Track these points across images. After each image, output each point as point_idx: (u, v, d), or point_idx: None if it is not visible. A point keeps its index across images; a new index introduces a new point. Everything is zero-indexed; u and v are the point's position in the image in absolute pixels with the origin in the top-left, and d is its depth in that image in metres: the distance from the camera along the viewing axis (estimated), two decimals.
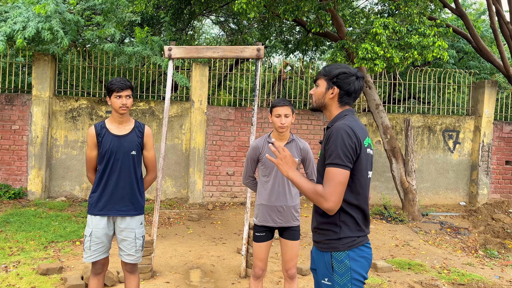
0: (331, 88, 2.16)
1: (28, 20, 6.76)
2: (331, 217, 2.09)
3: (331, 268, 2.08)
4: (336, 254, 2.08)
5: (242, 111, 8.52)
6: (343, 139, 2.00)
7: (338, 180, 1.98)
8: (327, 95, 2.18)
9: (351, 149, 2.00)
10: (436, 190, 9.23)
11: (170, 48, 4.72)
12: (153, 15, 10.04)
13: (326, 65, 2.14)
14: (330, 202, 1.98)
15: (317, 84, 2.22)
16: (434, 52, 6.69)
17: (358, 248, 2.09)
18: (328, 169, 2.00)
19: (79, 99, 8.10)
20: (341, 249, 2.07)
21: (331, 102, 2.18)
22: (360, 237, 2.10)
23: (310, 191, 2.03)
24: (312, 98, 2.24)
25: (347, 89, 2.14)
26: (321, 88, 2.19)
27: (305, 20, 9.00)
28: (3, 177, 7.78)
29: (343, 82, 2.14)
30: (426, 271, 5.12)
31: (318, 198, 2.00)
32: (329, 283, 2.09)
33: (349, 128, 2.03)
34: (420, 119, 9.16)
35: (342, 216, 2.08)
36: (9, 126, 7.79)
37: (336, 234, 2.08)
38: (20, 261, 4.74)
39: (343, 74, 2.13)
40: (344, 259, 2.07)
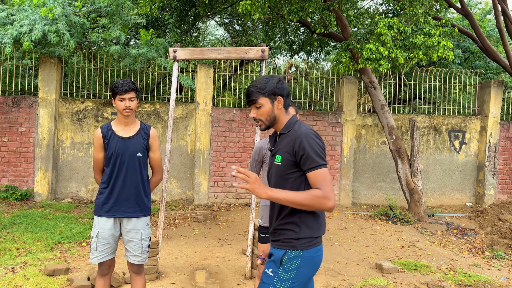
0: (275, 100, 2.22)
1: (34, 23, 6.81)
2: (293, 217, 2.15)
3: (279, 263, 2.14)
4: (290, 252, 2.13)
5: (247, 112, 8.53)
6: (315, 141, 2.11)
7: (329, 178, 2.09)
8: (275, 108, 2.23)
9: (324, 149, 2.14)
10: (442, 190, 9.18)
11: (175, 50, 4.74)
12: (158, 17, 10.08)
13: (251, 85, 2.23)
14: (332, 200, 2.06)
15: (258, 106, 2.21)
16: (440, 52, 6.67)
17: (313, 249, 2.15)
18: (316, 172, 2.08)
19: (84, 101, 8.15)
20: (298, 248, 2.13)
21: (280, 112, 2.24)
22: (318, 238, 2.18)
23: (308, 198, 2.05)
24: (261, 120, 2.23)
25: (286, 93, 2.25)
26: (266, 106, 2.21)
27: (310, 21, 9.00)
28: (10, 179, 7.84)
29: (282, 88, 2.23)
30: (432, 272, 5.09)
31: (321, 201, 2.05)
32: (271, 274, 2.15)
33: (314, 132, 2.17)
34: (426, 119, 9.12)
35: (304, 216, 2.15)
36: (16, 128, 7.85)
37: (296, 234, 2.14)
38: (27, 262, 4.78)
39: (279, 82, 2.23)
40: (296, 259, 2.12)
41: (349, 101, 8.79)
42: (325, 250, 5.79)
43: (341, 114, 8.76)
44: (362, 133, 8.96)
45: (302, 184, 2.16)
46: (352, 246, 6.06)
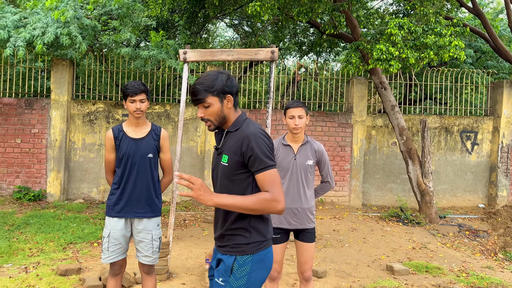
0: (224, 98, 2.08)
1: (47, 26, 6.90)
2: (242, 222, 2.06)
3: (229, 271, 2.05)
4: (240, 257, 2.06)
5: (256, 114, 8.54)
6: (264, 142, 2.02)
7: (278, 179, 2.01)
8: (225, 107, 2.09)
9: (272, 149, 2.06)
10: (454, 192, 9.09)
11: (185, 52, 4.76)
12: (168, 19, 10.14)
13: (197, 83, 2.07)
14: (282, 202, 1.98)
15: (206, 105, 2.06)
16: (451, 52, 6.61)
17: (262, 251, 2.09)
18: (264, 173, 1.99)
19: (96, 102, 8.23)
20: (248, 252, 2.06)
21: (229, 111, 2.11)
22: (267, 240, 2.12)
23: (256, 202, 1.97)
24: (210, 120, 2.08)
25: (236, 90, 2.12)
26: (215, 105, 2.06)
27: (319, 21, 8.98)
28: (23, 180, 7.95)
29: (232, 86, 2.09)
30: (444, 274, 5.04)
31: (270, 204, 1.97)
32: (222, 284, 2.07)
33: (263, 131, 2.07)
34: (437, 120, 9.04)
35: (253, 221, 2.07)
36: (29, 130, 7.96)
37: (246, 239, 2.07)
38: (39, 262, 4.84)
39: (228, 79, 2.09)
40: (247, 264, 2.05)
41: (359, 101, 8.75)
42: (335, 252, 5.77)
43: (351, 115, 8.73)
44: (372, 134, 8.91)
45: (250, 185, 2.06)
46: (363, 248, 6.02)
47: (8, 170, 7.90)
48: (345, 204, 8.62)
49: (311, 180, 3.31)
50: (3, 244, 5.39)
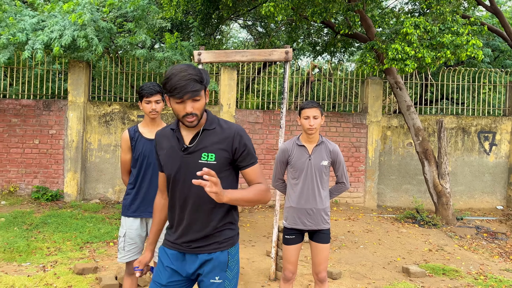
0: (205, 92, 2.02)
1: (64, 29, 7.02)
2: (230, 217, 2.12)
3: (225, 266, 2.09)
4: (231, 249, 2.12)
5: (270, 114, 8.53)
6: (248, 138, 2.11)
7: (262, 172, 2.16)
8: (205, 102, 2.03)
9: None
10: (472, 193, 8.94)
11: (200, 53, 4.79)
12: (182, 20, 10.21)
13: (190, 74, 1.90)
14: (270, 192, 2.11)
15: (198, 98, 1.96)
16: (468, 51, 6.50)
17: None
18: (254, 167, 2.10)
19: (111, 104, 8.33)
20: (236, 242, 2.15)
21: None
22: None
23: (257, 194, 2.02)
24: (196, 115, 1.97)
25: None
26: (203, 99, 1.99)
27: (333, 21, 8.94)
28: (41, 180, 8.09)
29: (208, 79, 2.01)
30: (462, 277, 4.96)
31: (266, 194, 2.07)
32: (220, 281, 2.08)
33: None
34: (454, 120, 8.91)
35: (235, 213, 2.18)
36: (46, 131, 8.10)
37: (234, 231, 2.15)
38: (57, 261, 4.92)
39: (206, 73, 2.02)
40: (236, 253, 2.16)
41: (374, 102, 8.67)
42: (350, 253, 5.72)
43: (366, 115, 8.66)
44: (387, 134, 8.82)
45: (234, 180, 2.13)
46: (378, 249, 5.97)
47: (27, 170, 8.05)
48: (360, 205, 8.55)
49: (326, 180, 3.29)
50: (21, 243, 5.50)
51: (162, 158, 2.15)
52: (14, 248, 5.33)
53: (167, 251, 2.16)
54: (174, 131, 2.10)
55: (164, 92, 2.01)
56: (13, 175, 8.03)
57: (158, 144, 2.17)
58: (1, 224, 6.27)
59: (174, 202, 2.12)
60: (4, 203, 7.53)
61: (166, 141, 2.13)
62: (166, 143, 2.12)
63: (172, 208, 2.14)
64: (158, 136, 2.19)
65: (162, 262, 2.16)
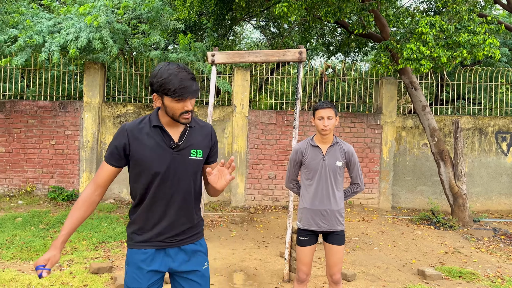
0: None
1: (80, 31, 7.11)
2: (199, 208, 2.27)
3: (207, 251, 2.26)
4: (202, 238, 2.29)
5: (283, 115, 8.52)
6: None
7: None
8: None
9: None
10: (489, 195, 8.78)
11: (214, 54, 4.80)
12: (195, 21, 10.27)
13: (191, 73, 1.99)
14: None
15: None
16: (485, 50, 6.39)
17: None
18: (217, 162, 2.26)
19: (126, 105, 8.41)
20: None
21: None
22: None
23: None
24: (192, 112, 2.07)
25: None
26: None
27: (347, 21, 8.88)
28: (57, 180, 8.21)
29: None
30: (479, 280, 4.88)
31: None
32: (206, 265, 2.23)
33: None
34: (470, 120, 8.77)
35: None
36: (62, 132, 8.22)
37: (203, 221, 2.31)
38: (73, 260, 4.98)
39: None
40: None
41: (389, 102, 8.59)
42: (365, 255, 5.67)
43: (380, 116, 8.58)
44: (402, 135, 8.73)
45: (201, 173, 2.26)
46: (393, 251, 5.90)
47: (43, 170, 8.18)
48: (374, 207, 8.47)
49: (341, 181, 3.26)
50: (38, 243, 5.58)
51: (140, 155, 2.05)
52: (31, 247, 5.42)
53: (142, 252, 2.10)
54: (160, 128, 2.07)
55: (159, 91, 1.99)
56: (30, 175, 8.17)
57: (134, 139, 2.05)
58: (18, 224, 6.38)
59: (156, 200, 2.08)
60: (22, 202, 7.66)
61: (146, 137, 2.06)
62: (147, 139, 2.05)
63: (152, 205, 2.09)
64: (133, 130, 2.05)
65: (139, 266, 2.09)
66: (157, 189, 2.07)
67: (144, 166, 2.05)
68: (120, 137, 2.05)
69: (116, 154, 2.06)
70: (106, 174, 2.08)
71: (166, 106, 2.00)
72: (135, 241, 2.12)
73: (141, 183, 2.08)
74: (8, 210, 7.10)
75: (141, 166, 2.06)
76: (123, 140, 2.05)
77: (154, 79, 1.99)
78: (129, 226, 2.16)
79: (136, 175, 2.09)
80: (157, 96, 2.02)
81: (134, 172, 2.10)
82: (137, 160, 2.06)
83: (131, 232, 2.15)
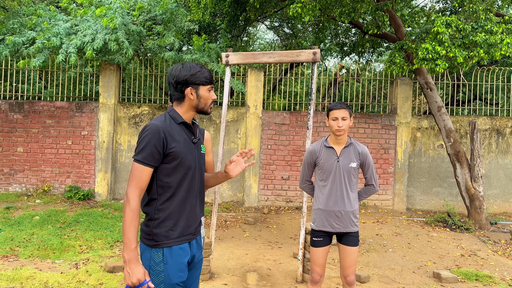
0: None
1: (96, 33, 7.22)
2: None
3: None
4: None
5: (297, 115, 8.50)
6: None
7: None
8: None
9: None
10: (506, 197, 8.63)
11: (228, 55, 4.82)
12: (209, 23, 10.32)
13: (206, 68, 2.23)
14: None
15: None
16: (503, 50, 6.28)
17: None
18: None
19: (141, 105, 8.50)
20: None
21: None
22: None
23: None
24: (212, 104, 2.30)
25: None
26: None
27: (362, 21, 8.82)
28: (74, 180, 8.34)
29: None
30: (496, 283, 4.80)
31: None
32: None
33: None
34: (487, 121, 8.63)
35: None
36: (79, 132, 8.35)
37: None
38: (89, 259, 5.05)
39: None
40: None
41: (404, 103, 8.51)
42: (379, 256, 5.63)
43: (395, 117, 8.50)
44: (417, 136, 8.63)
45: None
46: (407, 253, 5.84)
47: (60, 170, 8.32)
48: (389, 208, 8.40)
49: (355, 183, 3.25)
50: (55, 241, 5.68)
51: (177, 150, 2.10)
52: (48, 245, 5.51)
53: (179, 247, 2.12)
54: (184, 125, 2.20)
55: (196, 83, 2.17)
56: (47, 175, 8.31)
57: (169, 136, 2.09)
58: (36, 222, 6.50)
59: (189, 193, 2.17)
60: (39, 201, 7.80)
61: (177, 133, 2.13)
62: (178, 136, 2.13)
63: (186, 199, 2.15)
64: (165, 128, 2.09)
65: (181, 261, 2.12)
66: (190, 182, 2.17)
67: (180, 161, 2.12)
68: (157, 136, 2.06)
69: (156, 153, 2.06)
70: (147, 176, 2.07)
71: (201, 97, 2.19)
72: (172, 239, 2.11)
73: (175, 177, 2.11)
74: (26, 209, 7.24)
75: (177, 160, 2.11)
76: (161, 138, 2.06)
77: (188, 73, 2.16)
78: (161, 225, 2.10)
79: (172, 169, 2.11)
80: (193, 89, 2.18)
81: (168, 167, 2.10)
82: (174, 156, 2.10)
83: (166, 230, 2.10)
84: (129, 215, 2.00)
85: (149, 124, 2.10)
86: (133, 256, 1.99)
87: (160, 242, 2.09)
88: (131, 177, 2.06)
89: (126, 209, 2.02)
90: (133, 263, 1.98)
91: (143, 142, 2.05)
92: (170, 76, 2.20)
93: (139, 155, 2.05)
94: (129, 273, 1.98)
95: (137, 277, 1.97)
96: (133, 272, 1.97)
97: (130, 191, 2.03)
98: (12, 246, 5.46)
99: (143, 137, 2.06)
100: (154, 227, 2.09)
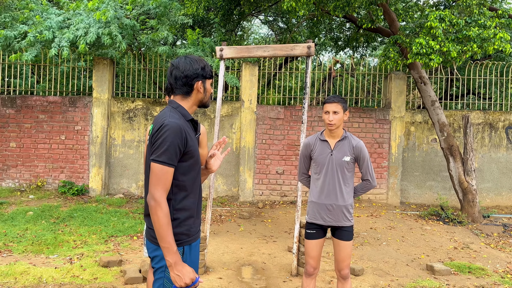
0: None
1: (89, 26, 7.15)
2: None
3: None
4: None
5: (291, 110, 8.51)
6: None
7: None
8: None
9: None
10: (499, 190, 8.71)
11: (222, 49, 4.80)
12: (203, 17, 10.26)
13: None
14: None
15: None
16: (496, 44, 6.32)
17: None
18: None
19: (135, 100, 8.46)
20: None
21: None
22: None
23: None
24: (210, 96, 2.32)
25: None
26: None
27: (356, 16, 8.82)
28: (68, 175, 8.29)
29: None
30: (488, 275, 4.85)
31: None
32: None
33: None
34: (480, 115, 8.68)
35: None
36: (72, 127, 8.30)
37: None
38: (83, 254, 5.04)
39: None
40: None
41: (398, 97, 8.54)
42: (373, 250, 5.67)
43: (389, 111, 8.53)
44: (411, 130, 8.68)
45: None
46: (401, 246, 5.89)
47: (54, 165, 8.27)
48: (383, 202, 8.45)
49: (349, 177, 3.25)
50: (49, 236, 5.66)
51: (194, 148, 2.09)
52: (42, 240, 5.49)
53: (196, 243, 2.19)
54: (191, 122, 2.19)
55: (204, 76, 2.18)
56: (40, 170, 8.26)
57: (188, 135, 2.07)
58: (29, 218, 6.47)
59: (197, 189, 2.19)
60: (32, 197, 7.75)
61: (190, 130, 2.12)
62: (191, 133, 2.12)
63: (199, 195, 2.22)
64: (183, 126, 2.06)
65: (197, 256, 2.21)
66: (198, 179, 2.19)
67: (195, 159, 2.12)
68: (179, 135, 2.00)
69: (179, 153, 2.02)
70: (171, 177, 2.01)
71: (207, 91, 2.21)
72: (192, 236, 2.13)
73: (191, 175, 2.11)
74: (20, 204, 7.20)
75: (193, 159, 2.10)
76: (183, 137, 2.03)
77: (199, 66, 2.15)
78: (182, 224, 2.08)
79: (188, 167, 2.09)
80: (202, 82, 2.18)
81: (185, 165, 2.07)
82: (191, 154, 2.08)
83: (187, 229, 2.10)
84: (163, 219, 1.94)
85: (168, 122, 2.00)
86: (178, 258, 1.97)
87: (181, 240, 2.07)
88: (156, 180, 1.96)
89: (159, 214, 1.94)
90: (180, 264, 1.97)
91: (166, 142, 1.96)
92: (178, 70, 2.13)
93: (163, 156, 1.96)
94: (179, 275, 1.96)
95: (190, 276, 1.97)
96: (183, 273, 1.96)
97: (159, 195, 1.95)
98: (6, 242, 5.43)
99: (166, 136, 1.97)
100: (175, 227, 2.05)
